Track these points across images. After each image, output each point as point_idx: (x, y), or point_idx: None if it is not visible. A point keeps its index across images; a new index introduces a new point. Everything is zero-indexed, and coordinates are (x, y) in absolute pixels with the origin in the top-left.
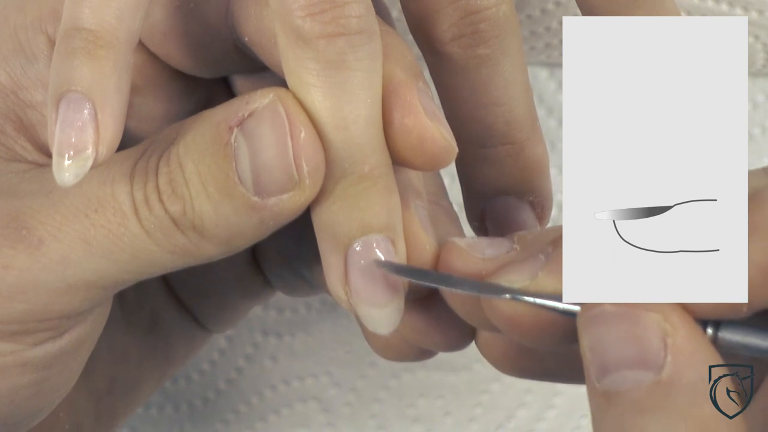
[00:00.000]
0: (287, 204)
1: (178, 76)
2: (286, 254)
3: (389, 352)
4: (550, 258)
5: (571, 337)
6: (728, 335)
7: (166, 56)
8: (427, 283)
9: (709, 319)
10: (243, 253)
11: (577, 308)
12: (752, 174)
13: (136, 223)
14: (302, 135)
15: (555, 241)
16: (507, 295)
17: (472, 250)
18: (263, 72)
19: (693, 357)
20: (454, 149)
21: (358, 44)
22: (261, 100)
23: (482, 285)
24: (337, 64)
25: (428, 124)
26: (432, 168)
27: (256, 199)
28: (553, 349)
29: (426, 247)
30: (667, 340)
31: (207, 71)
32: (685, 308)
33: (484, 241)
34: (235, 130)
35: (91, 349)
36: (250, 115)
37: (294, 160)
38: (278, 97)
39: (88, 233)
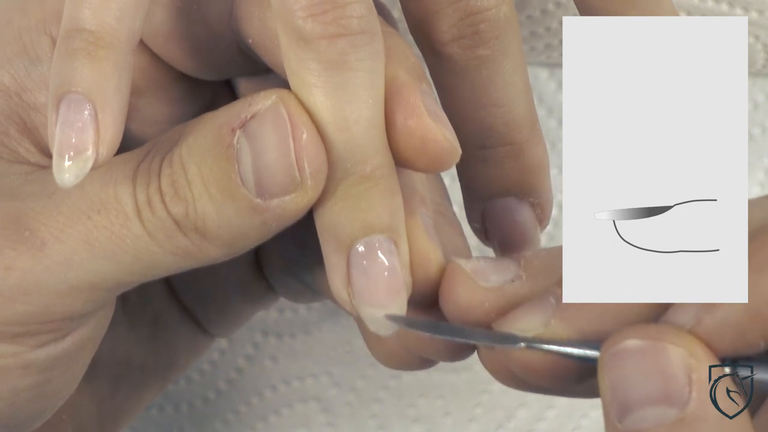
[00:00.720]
0: (290, 205)
1: (182, 78)
2: (288, 260)
3: (390, 360)
4: (560, 301)
5: (585, 376)
6: (746, 372)
7: (169, 58)
8: (440, 336)
9: (727, 356)
10: (246, 257)
11: (594, 353)
12: (758, 204)
13: (139, 225)
14: (304, 136)
15: (560, 281)
16: (522, 344)
17: (477, 277)
18: (267, 74)
19: None
20: (458, 151)
21: (359, 44)
22: (263, 101)
23: (496, 336)
24: (339, 65)
25: (431, 126)
26: (435, 170)
27: (258, 200)
28: (568, 389)
29: (430, 256)
30: (691, 375)
31: (210, 73)
32: (707, 344)
33: (488, 266)
34: (238, 131)
35: (93, 352)
36: (253, 116)
37: (296, 161)
38: (280, 98)
39: (91, 235)
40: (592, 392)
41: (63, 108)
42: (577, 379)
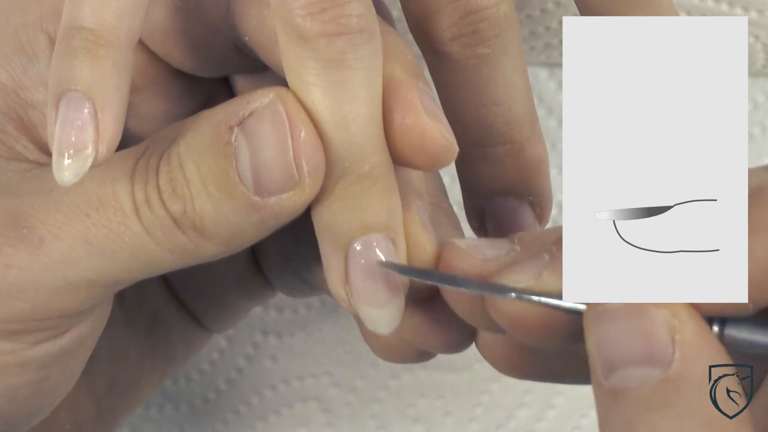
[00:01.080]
0: (287, 203)
1: (179, 75)
2: (286, 255)
3: (389, 354)
4: (554, 257)
5: (576, 336)
6: (734, 332)
7: (166, 56)
8: (431, 282)
9: (715, 316)
10: (243, 253)
11: (582, 307)
12: (753, 172)
13: (137, 223)
14: (302, 134)
15: (557, 241)
16: (512, 294)
17: (473, 251)
18: (264, 72)
19: (701, 353)
20: (455, 149)
21: (358, 43)
22: (261, 99)
23: (487, 284)
24: (338, 63)
25: (429, 124)
26: (433, 168)
27: (256, 198)
28: (557, 348)
29: (427, 248)
30: (675, 336)
31: (208, 71)
32: (692, 305)
33: (484, 242)
34: (236, 129)
35: (91, 349)
36: (251, 114)
37: (294, 159)
38: (278, 96)
39: (89, 232)
40: (584, 376)
41: (63, 106)
42: (567, 338)
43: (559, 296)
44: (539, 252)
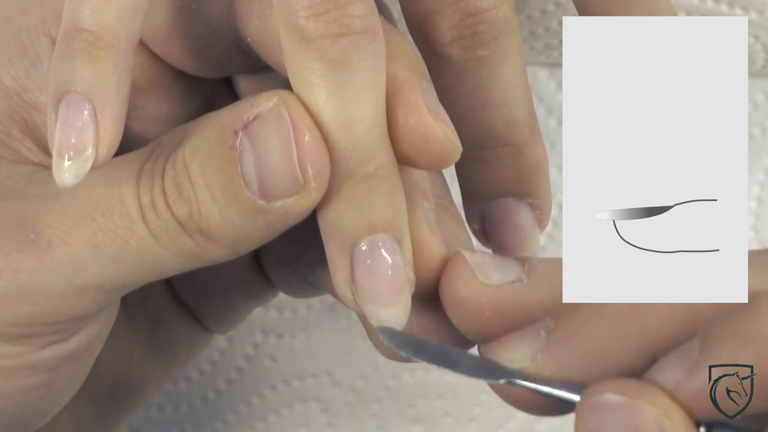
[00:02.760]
0: (293, 207)
1: (181, 76)
2: (288, 257)
3: (394, 353)
4: (550, 336)
5: (566, 411)
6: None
7: (168, 57)
8: (425, 361)
9: (702, 420)
10: (246, 255)
11: (573, 397)
12: (753, 254)
13: (143, 227)
14: (306, 138)
15: (558, 315)
16: (502, 381)
17: (478, 271)
18: (266, 72)
19: None
20: (458, 148)
21: (362, 44)
22: (265, 103)
23: (480, 366)
24: (341, 64)
25: (432, 124)
26: (436, 167)
27: (261, 202)
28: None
29: (433, 248)
30: None
31: (210, 72)
32: (684, 407)
33: (492, 262)
34: (240, 133)
35: (98, 351)
36: (255, 118)
37: (299, 163)
38: (282, 100)
39: (96, 237)
40: None
41: (62, 108)
42: (558, 412)
43: (550, 383)
44: (537, 324)
